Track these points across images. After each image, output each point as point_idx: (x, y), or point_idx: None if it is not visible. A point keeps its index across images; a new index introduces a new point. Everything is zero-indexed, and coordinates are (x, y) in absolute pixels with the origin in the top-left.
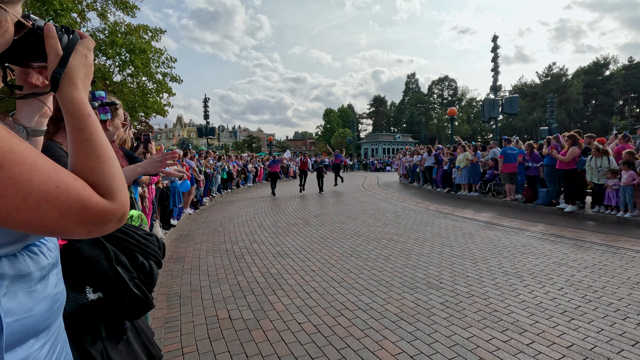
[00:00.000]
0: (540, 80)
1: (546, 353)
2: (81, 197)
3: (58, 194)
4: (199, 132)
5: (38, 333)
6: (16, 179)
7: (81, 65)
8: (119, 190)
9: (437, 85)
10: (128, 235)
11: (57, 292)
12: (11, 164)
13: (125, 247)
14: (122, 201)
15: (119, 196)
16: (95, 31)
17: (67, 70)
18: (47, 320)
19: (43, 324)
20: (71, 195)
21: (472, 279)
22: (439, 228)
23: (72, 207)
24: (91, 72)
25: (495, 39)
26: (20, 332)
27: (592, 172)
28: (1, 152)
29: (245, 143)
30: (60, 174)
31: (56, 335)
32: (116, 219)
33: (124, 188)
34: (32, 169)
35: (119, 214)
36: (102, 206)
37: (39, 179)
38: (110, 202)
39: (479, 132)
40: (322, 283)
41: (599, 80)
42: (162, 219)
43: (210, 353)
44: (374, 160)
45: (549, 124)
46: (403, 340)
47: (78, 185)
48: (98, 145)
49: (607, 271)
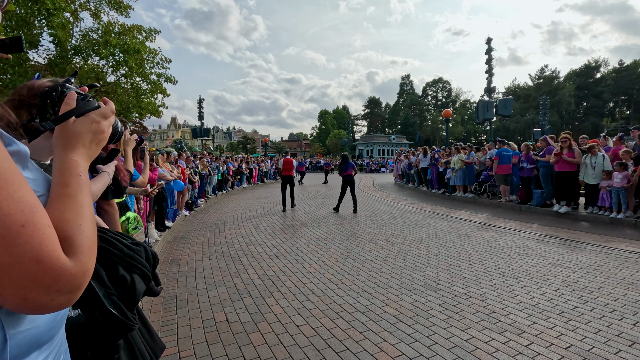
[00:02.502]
0: (532, 82)
1: (545, 354)
2: (42, 247)
3: (20, 233)
4: (194, 133)
5: (42, 345)
6: None
7: (88, 130)
8: (87, 253)
9: (432, 87)
10: (110, 244)
11: None
12: None
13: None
14: (84, 266)
15: (84, 259)
16: (89, 31)
17: (66, 133)
18: (51, 332)
19: (47, 335)
20: (32, 241)
21: (470, 280)
22: (435, 229)
23: (25, 255)
24: (102, 138)
25: (489, 41)
26: (24, 345)
27: (585, 171)
28: None
29: (240, 144)
30: (35, 214)
31: (59, 346)
32: (69, 287)
33: (93, 254)
34: (6, 197)
35: (75, 282)
36: (61, 264)
37: (8, 210)
38: (72, 261)
39: (473, 134)
40: (319, 285)
41: (590, 83)
42: (158, 220)
43: (208, 357)
44: (369, 161)
45: (541, 125)
46: (402, 342)
47: (48, 233)
48: (81, 204)
49: (602, 272)
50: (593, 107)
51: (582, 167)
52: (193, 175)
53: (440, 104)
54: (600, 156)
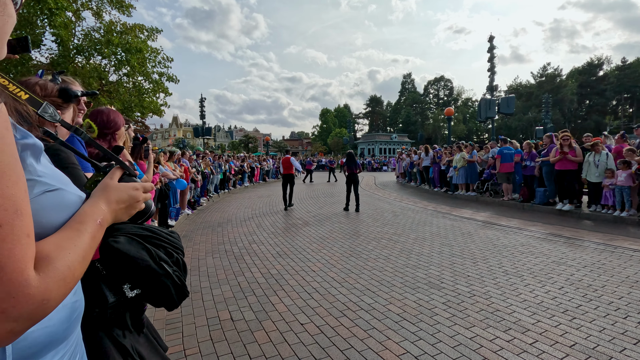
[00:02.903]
0: (535, 80)
1: (549, 352)
2: (10, 254)
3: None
4: (195, 132)
5: (57, 345)
6: None
7: (127, 193)
8: (59, 281)
9: (433, 85)
10: (156, 234)
11: (75, 300)
12: None
13: (158, 244)
14: (48, 292)
15: (52, 284)
16: (91, 30)
17: (108, 186)
18: (66, 331)
19: (61, 335)
20: (2, 244)
21: (473, 278)
22: (437, 228)
23: None
24: (135, 206)
25: (491, 39)
26: (39, 344)
27: (589, 169)
28: None
29: (241, 143)
30: (18, 218)
31: (74, 346)
32: (18, 311)
33: (63, 288)
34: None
35: (28, 305)
36: (24, 278)
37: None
38: (37, 279)
39: (475, 132)
40: (323, 283)
41: (593, 81)
42: (160, 219)
43: (213, 355)
44: (370, 160)
45: (544, 123)
46: (406, 340)
47: (23, 242)
48: (82, 241)
49: (606, 270)
50: (596, 105)
51: (585, 165)
52: (196, 174)
53: (442, 102)
54: (604, 154)
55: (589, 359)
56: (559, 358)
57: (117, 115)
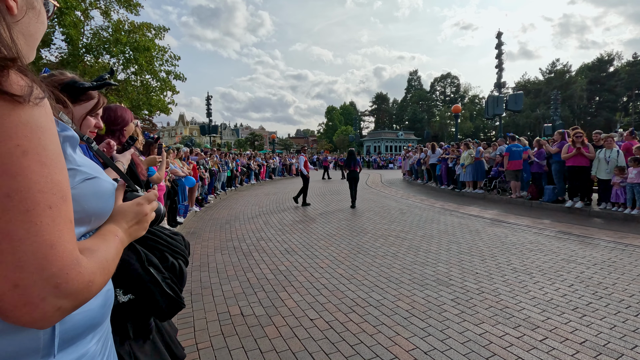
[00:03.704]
0: (543, 77)
1: (560, 349)
2: (60, 234)
3: (44, 213)
4: (202, 130)
5: (96, 327)
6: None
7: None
8: (100, 269)
9: (440, 82)
10: (156, 235)
11: (108, 289)
12: (36, 158)
13: (154, 247)
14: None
15: (96, 270)
16: (99, 29)
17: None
18: (103, 316)
19: (99, 319)
20: (53, 224)
21: (482, 275)
22: (445, 225)
23: (42, 234)
24: (144, 219)
25: (499, 36)
26: (81, 326)
27: (599, 165)
28: (36, 144)
29: (247, 141)
30: (64, 203)
31: (106, 333)
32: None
33: (103, 275)
34: (46, 175)
35: (77, 283)
36: (74, 257)
37: (43, 187)
38: (85, 261)
39: (482, 129)
40: (331, 280)
41: (603, 77)
42: (169, 216)
43: (225, 349)
44: (376, 157)
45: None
46: (416, 336)
47: (69, 226)
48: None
49: (616, 268)
50: (606, 101)
51: (595, 162)
52: (203, 172)
53: (448, 99)
54: (615, 151)
55: (599, 356)
56: (570, 355)
57: (125, 112)
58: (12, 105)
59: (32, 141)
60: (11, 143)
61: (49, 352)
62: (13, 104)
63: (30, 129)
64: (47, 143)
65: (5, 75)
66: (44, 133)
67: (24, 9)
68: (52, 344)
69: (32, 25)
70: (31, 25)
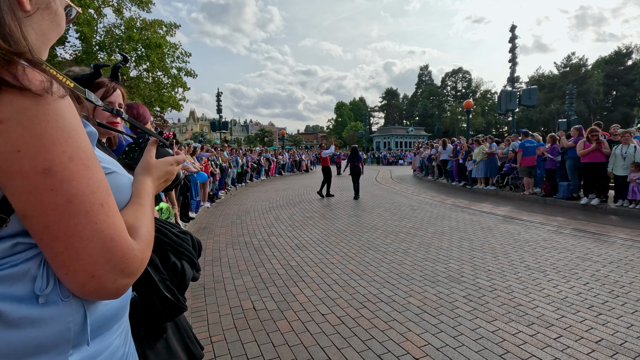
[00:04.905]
0: (558, 71)
1: (575, 347)
2: (115, 227)
3: (100, 211)
4: (212, 126)
5: (120, 318)
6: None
7: (164, 169)
8: (147, 243)
9: (451, 77)
10: (161, 233)
11: None
12: (80, 162)
13: (158, 245)
14: (144, 253)
15: (145, 247)
16: (112, 27)
17: (149, 165)
18: (124, 307)
19: (121, 310)
20: (108, 219)
21: (494, 273)
22: (456, 222)
23: (103, 231)
24: (170, 178)
25: (513, 29)
26: (107, 317)
27: (615, 161)
28: (76, 147)
29: (257, 137)
30: (110, 197)
31: (126, 326)
32: (131, 269)
33: (150, 247)
34: (92, 176)
35: (136, 264)
36: (129, 244)
37: (92, 188)
38: (136, 244)
39: (494, 125)
40: (342, 275)
41: (621, 71)
42: (182, 211)
43: (237, 342)
44: (386, 153)
45: (567, 116)
46: (427, 332)
47: (118, 216)
48: (147, 210)
49: (633, 266)
50: (623, 96)
51: (612, 157)
52: (214, 168)
53: (459, 94)
54: (632, 147)
55: (616, 355)
56: (585, 353)
57: (145, 110)
58: (36, 101)
59: (72, 145)
60: (58, 150)
61: (80, 341)
62: (36, 99)
63: (68, 134)
64: (84, 144)
65: (16, 70)
66: (78, 135)
67: (36, 5)
68: (83, 334)
69: (45, 24)
70: (44, 24)
